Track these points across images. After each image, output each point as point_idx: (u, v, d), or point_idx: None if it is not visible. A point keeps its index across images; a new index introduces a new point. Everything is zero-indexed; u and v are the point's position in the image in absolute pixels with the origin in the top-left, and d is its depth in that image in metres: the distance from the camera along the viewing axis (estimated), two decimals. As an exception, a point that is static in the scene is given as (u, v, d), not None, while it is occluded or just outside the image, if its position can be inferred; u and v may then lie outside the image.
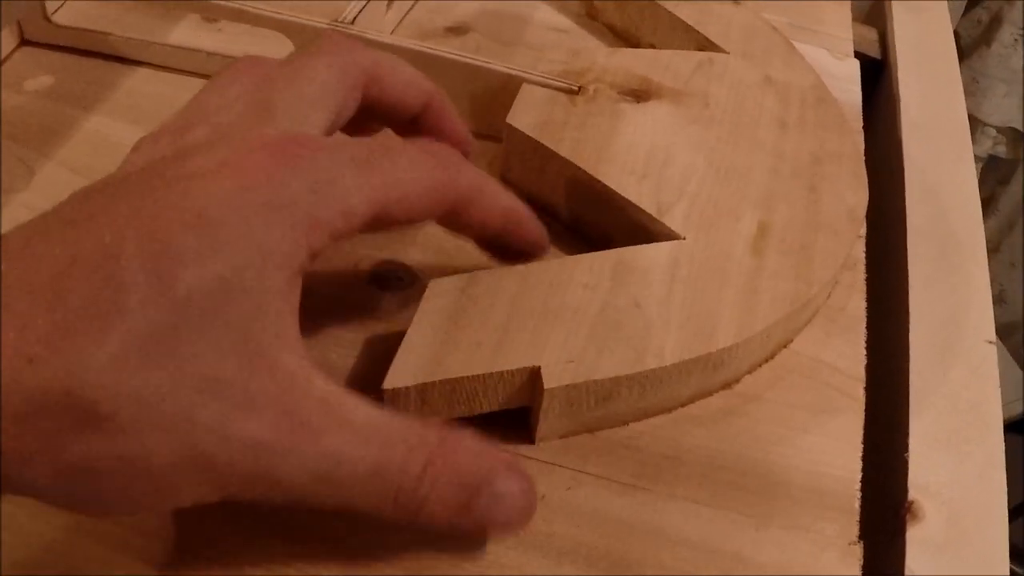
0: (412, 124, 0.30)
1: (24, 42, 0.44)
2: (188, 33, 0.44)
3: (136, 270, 0.19)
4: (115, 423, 0.19)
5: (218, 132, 0.24)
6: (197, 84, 0.43)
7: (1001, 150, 1.07)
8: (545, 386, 0.27)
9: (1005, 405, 0.34)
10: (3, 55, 0.43)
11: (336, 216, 0.23)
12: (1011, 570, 0.29)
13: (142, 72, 0.43)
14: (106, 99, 0.41)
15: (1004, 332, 1.25)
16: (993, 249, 1.20)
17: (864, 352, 0.33)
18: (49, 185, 0.37)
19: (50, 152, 0.39)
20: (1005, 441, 0.32)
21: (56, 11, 0.43)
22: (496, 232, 0.28)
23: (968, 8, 0.99)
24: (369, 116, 0.29)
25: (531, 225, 0.29)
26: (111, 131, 0.40)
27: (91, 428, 0.19)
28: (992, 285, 0.38)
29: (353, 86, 0.27)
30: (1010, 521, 0.30)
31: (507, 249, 0.30)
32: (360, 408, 0.22)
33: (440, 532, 0.24)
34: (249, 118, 0.24)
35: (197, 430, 0.20)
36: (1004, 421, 0.33)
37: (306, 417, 0.21)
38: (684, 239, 0.31)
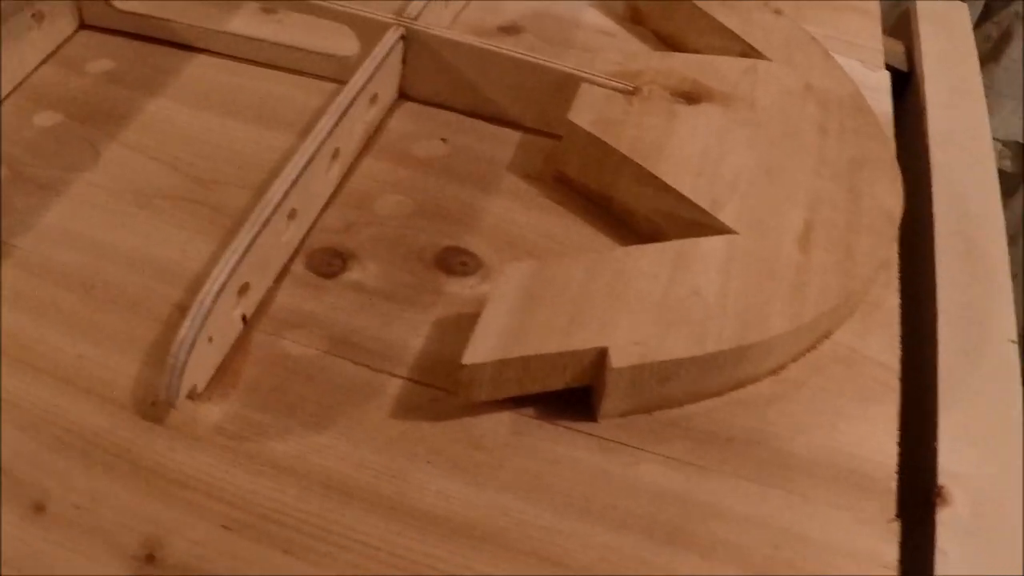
0: None
1: (83, 26, 0.45)
2: (245, 23, 0.45)
3: None
4: None
5: None
6: (258, 72, 0.44)
7: (1007, 164, 1.09)
8: (613, 365, 0.29)
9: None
10: (64, 38, 0.44)
11: None
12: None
13: (201, 59, 0.44)
14: (169, 84, 0.42)
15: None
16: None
17: (899, 345, 0.35)
18: (115, 165, 0.39)
19: (115, 133, 0.40)
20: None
21: (116, -4, 0.44)
22: None
23: (979, 23, 1.01)
24: None
25: None
26: (176, 115, 0.41)
27: None
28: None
29: None
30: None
31: None
32: None
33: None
34: None
35: None
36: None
37: None
38: (737, 234, 0.33)
